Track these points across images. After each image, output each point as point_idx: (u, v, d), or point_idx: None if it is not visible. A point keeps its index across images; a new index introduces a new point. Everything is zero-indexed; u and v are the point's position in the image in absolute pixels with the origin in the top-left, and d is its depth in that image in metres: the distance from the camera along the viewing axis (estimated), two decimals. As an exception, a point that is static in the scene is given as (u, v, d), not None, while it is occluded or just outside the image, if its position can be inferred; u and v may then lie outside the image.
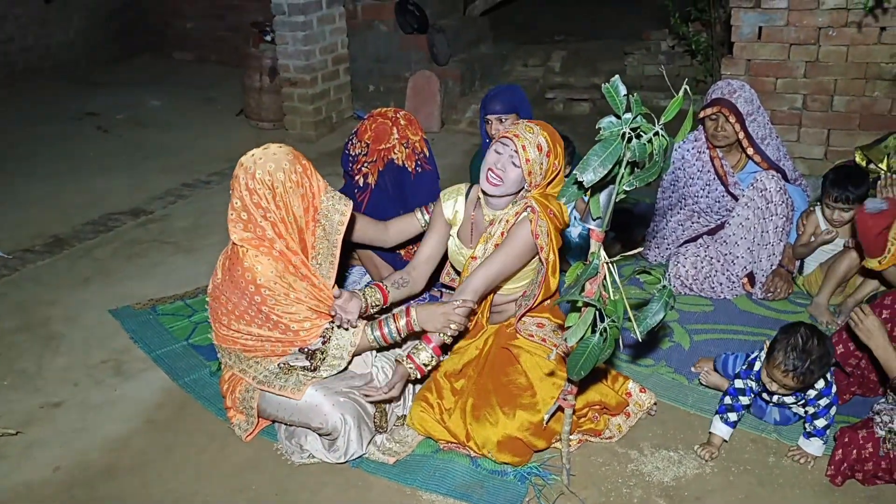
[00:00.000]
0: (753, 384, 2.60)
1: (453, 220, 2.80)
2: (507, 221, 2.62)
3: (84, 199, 4.88)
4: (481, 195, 2.72)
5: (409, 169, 3.14)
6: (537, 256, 2.61)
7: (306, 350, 2.51)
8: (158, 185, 5.10)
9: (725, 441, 2.61)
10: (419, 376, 2.53)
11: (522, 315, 2.68)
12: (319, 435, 2.53)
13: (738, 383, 2.62)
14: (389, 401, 2.61)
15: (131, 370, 3.13)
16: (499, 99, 3.45)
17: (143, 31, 8.53)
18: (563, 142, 2.70)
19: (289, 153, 2.40)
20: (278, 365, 2.52)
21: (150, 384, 3.04)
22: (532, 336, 2.64)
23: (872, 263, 2.83)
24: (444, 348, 2.57)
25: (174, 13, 8.33)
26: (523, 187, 2.62)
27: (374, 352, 2.68)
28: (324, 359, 2.49)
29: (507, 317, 2.80)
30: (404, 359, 2.50)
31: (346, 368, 2.57)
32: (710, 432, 2.62)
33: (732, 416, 2.59)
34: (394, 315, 2.53)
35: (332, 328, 2.51)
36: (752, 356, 2.64)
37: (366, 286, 2.76)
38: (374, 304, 2.67)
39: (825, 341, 2.44)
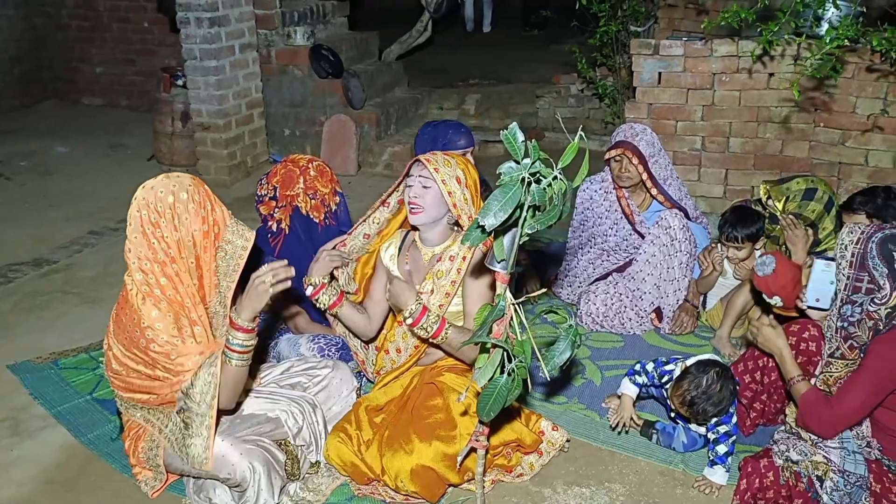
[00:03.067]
0: (654, 388, 2.85)
1: (390, 266, 2.83)
2: (463, 258, 2.65)
3: (-18, 250, 4.67)
4: (417, 237, 2.77)
5: (317, 220, 3.14)
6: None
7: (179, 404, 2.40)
8: (64, 234, 4.93)
9: (633, 400, 2.85)
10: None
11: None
12: (228, 486, 2.46)
13: (647, 367, 2.84)
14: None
15: (30, 428, 2.99)
16: (464, 132, 3.72)
17: (50, 76, 8.28)
18: (481, 185, 2.77)
19: (192, 178, 2.40)
20: (179, 415, 2.42)
21: (50, 443, 2.90)
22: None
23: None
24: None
25: (82, 58, 8.12)
26: (448, 211, 2.65)
27: (284, 398, 2.65)
28: (189, 408, 2.36)
29: (435, 359, 2.81)
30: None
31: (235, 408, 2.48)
32: (619, 394, 2.90)
33: (640, 379, 2.85)
34: (228, 332, 2.41)
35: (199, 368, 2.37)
36: (666, 368, 2.78)
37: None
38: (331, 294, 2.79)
39: (728, 387, 2.57)
